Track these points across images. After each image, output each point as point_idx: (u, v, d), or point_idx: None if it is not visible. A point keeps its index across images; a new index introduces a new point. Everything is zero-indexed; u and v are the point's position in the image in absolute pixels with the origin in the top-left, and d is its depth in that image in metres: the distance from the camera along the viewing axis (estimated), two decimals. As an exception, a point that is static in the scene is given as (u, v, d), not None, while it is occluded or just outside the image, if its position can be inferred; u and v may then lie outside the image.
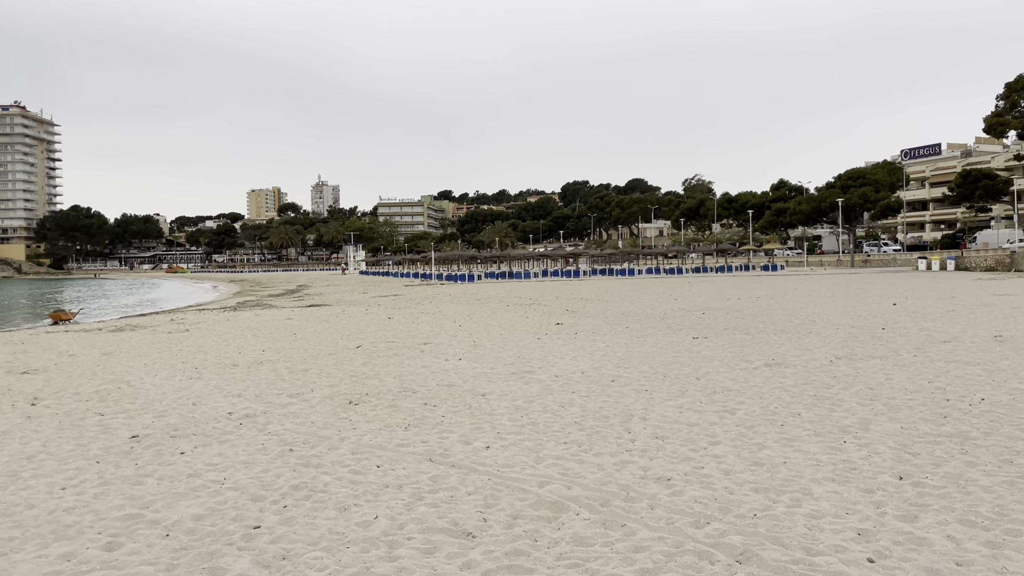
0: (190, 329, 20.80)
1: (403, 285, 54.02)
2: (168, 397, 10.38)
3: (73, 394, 10.84)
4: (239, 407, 9.54)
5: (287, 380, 11.61)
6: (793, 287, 37.36)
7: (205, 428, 8.36)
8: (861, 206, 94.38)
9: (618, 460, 6.51)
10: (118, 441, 7.84)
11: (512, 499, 5.54)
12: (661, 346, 14.66)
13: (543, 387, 10.37)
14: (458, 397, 9.83)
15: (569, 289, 40.69)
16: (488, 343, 15.84)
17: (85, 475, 6.59)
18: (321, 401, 9.85)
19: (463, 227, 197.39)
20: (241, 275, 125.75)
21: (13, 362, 14.45)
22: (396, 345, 15.83)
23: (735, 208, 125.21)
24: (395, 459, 6.82)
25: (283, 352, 15.10)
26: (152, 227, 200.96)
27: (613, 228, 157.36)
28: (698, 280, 50.68)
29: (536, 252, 76.77)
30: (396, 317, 23.41)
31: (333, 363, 13.38)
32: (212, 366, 13.32)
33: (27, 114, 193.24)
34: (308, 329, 20.01)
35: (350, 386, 10.94)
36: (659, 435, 7.39)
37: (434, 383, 10.99)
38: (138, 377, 12.24)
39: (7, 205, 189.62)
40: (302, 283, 70.44)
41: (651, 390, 9.91)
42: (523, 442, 7.28)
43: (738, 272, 65.18)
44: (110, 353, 15.61)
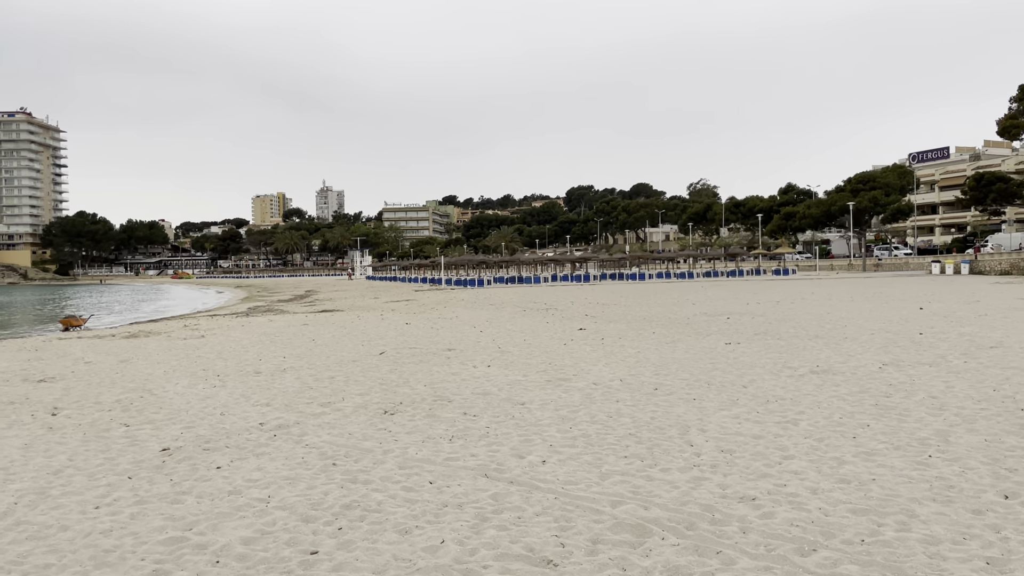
0: (205, 335, 20.40)
1: (413, 290, 53.61)
2: (194, 407, 9.97)
3: (94, 403, 10.43)
4: (270, 417, 9.12)
5: (314, 388, 11.19)
6: (809, 291, 36.86)
7: (238, 440, 7.94)
8: (871, 210, 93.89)
9: (690, 476, 6.06)
10: (148, 454, 7.42)
11: (587, 521, 5.09)
12: (694, 352, 14.21)
13: (584, 396, 9.93)
14: (497, 406, 9.39)
15: (582, 294, 40.24)
16: (514, 349, 15.40)
17: (118, 492, 6.17)
18: (354, 410, 9.42)
19: (468, 232, 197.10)
20: (247, 281, 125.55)
21: (29, 370, 14.05)
22: (420, 351, 15.40)
23: (743, 212, 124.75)
24: (448, 475, 6.38)
25: (305, 359, 14.69)
26: (157, 233, 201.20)
27: (619, 233, 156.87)
28: (711, 284, 50.20)
29: (546, 257, 76.36)
30: (413, 322, 22.99)
31: (359, 370, 12.96)
32: (234, 373, 12.91)
33: (33, 120, 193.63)
34: (326, 335, 19.60)
35: (381, 394, 10.51)
36: (724, 448, 6.94)
37: (468, 391, 10.56)
38: (160, 385, 11.83)
39: (13, 211, 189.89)
40: (310, 288, 70.09)
41: (700, 399, 9.46)
42: (580, 456, 6.84)
43: (749, 277, 64.65)
44: (127, 360, 15.21)
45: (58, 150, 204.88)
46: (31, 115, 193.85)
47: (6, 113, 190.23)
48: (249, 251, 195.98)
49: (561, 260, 70.58)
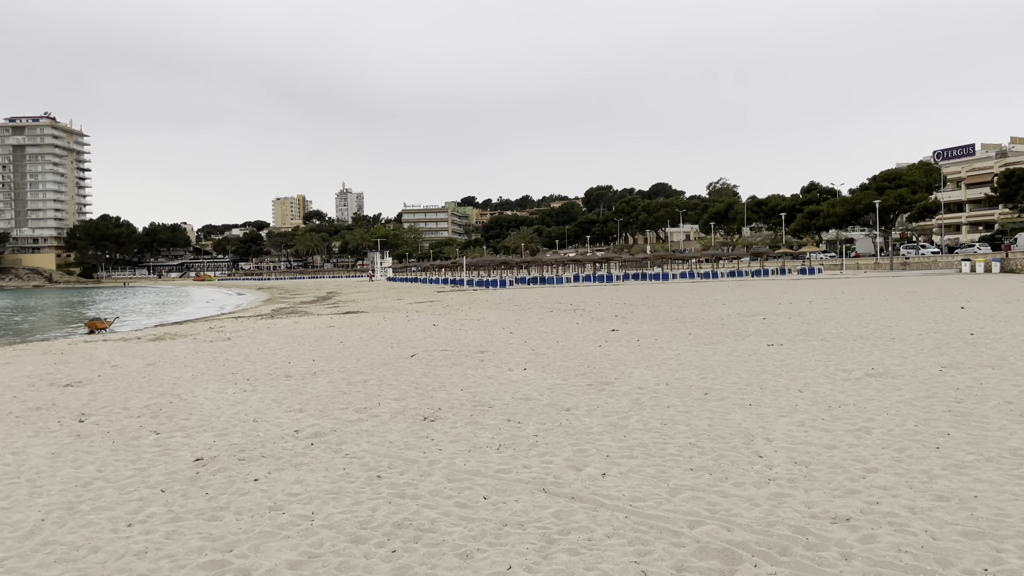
0: (232, 338, 20.10)
1: (435, 291, 53.27)
2: (224, 412, 9.59)
3: (122, 409, 10.09)
4: (305, 424, 8.71)
5: (348, 393, 10.79)
6: (840, 291, 36.06)
7: (274, 449, 7.53)
8: (897, 208, 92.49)
9: (768, 492, 5.56)
10: (181, 465, 7.03)
11: (666, 545, 4.62)
12: (737, 354, 13.66)
13: (631, 401, 9.44)
14: (542, 412, 8.93)
15: (607, 294, 39.68)
16: (548, 351, 14.93)
17: (151, 507, 5.77)
18: (392, 417, 9.00)
19: (488, 233, 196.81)
20: (269, 282, 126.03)
21: (55, 374, 13.78)
22: (451, 354, 14.98)
23: (764, 211, 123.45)
24: (502, 489, 5.93)
25: (334, 362, 14.31)
26: (180, 236, 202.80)
27: (640, 233, 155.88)
28: (737, 284, 49.43)
29: (568, 257, 75.80)
30: (441, 324, 22.58)
31: (391, 373, 12.55)
32: (264, 377, 12.54)
33: (57, 125, 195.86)
34: (354, 337, 19.23)
35: (418, 399, 10.09)
36: (798, 460, 6.43)
37: (508, 396, 10.10)
38: (188, 390, 11.48)
39: (38, 215, 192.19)
40: (331, 290, 70.01)
41: (756, 404, 8.94)
42: (642, 468, 6.36)
43: (775, 276, 63.71)
44: (154, 363, 14.91)
45: (82, 154, 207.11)
46: (55, 120, 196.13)
47: (31, 118, 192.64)
48: (270, 253, 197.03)
49: (583, 260, 69.96)
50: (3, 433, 8.74)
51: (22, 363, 15.83)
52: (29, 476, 6.82)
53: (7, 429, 8.97)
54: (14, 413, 9.99)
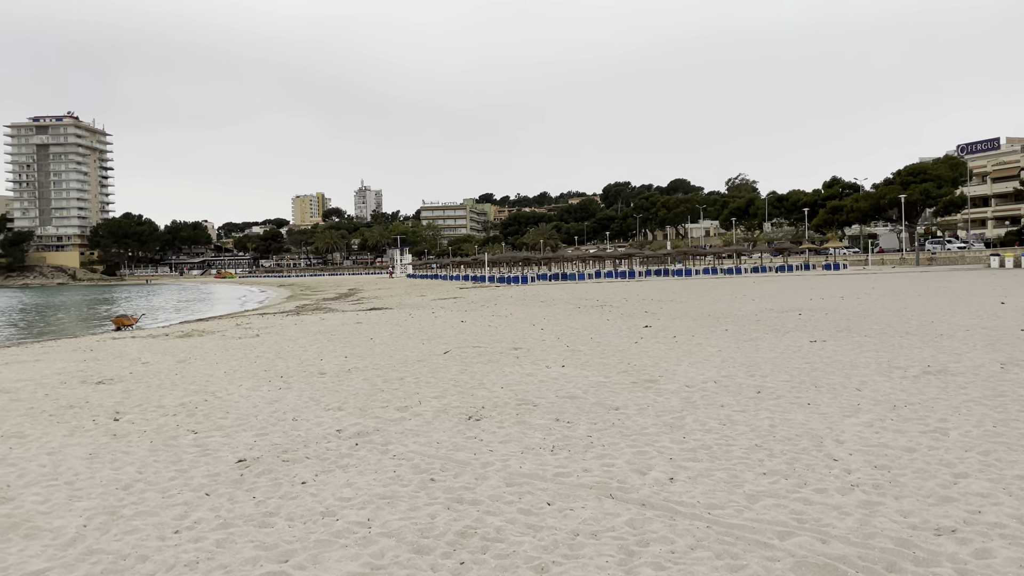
0: (260, 334, 19.91)
1: (457, 288, 53.02)
2: (262, 411, 9.32)
3: (157, 407, 9.86)
4: (346, 423, 8.42)
5: (385, 391, 10.49)
6: (870, 286, 35.39)
7: (318, 450, 7.24)
8: (922, 202, 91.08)
9: (856, 500, 5.18)
10: (223, 466, 6.76)
11: (759, 559, 4.26)
12: (780, 350, 13.24)
13: (682, 400, 9.06)
14: (590, 411, 8.58)
15: (632, 290, 39.23)
16: (584, 348, 14.57)
17: (197, 512, 5.49)
18: (435, 416, 8.69)
19: (506, 230, 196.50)
20: (289, 279, 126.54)
21: (86, 371, 13.61)
22: (485, 350, 14.66)
23: (786, 207, 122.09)
24: (564, 494, 5.59)
25: (367, 359, 14.03)
26: (201, 233, 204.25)
27: (659, 229, 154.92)
28: (763, 280, 48.76)
29: (590, 253, 75.29)
30: (469, 320, 22.28)
31: (427, 371, 12.25)
32: (298, 374, 12.29)
33: (80, 124, 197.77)
34: (383, 333, 18.96)
35: (459, 397, 9.77)
36: (877, 464, 6.03)
37: (552, 394, 9.76)
38: (222, 387, 11.24)
39: (62, 213, 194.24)
40: (352, 287, 70.03)
41: (814, 403, 8.54)
42: (711, 472, 6.00)
43: (799, 272, 62.88)
44: (184, 360, 14.71)
45: (104, 153, 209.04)
46: (78, 119, 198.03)
47: (54, 117, 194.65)
48: (290, 250, 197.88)
49: (606, 256, 69.47)
50: (38, 432, 8.52)
51: (52, 360, 15.71)
52: (67, 478, 6.57)
53: (42, 428, 8.75)
54: (47, 411, 9.79)
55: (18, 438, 8.29)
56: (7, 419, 9.38)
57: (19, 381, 12.57)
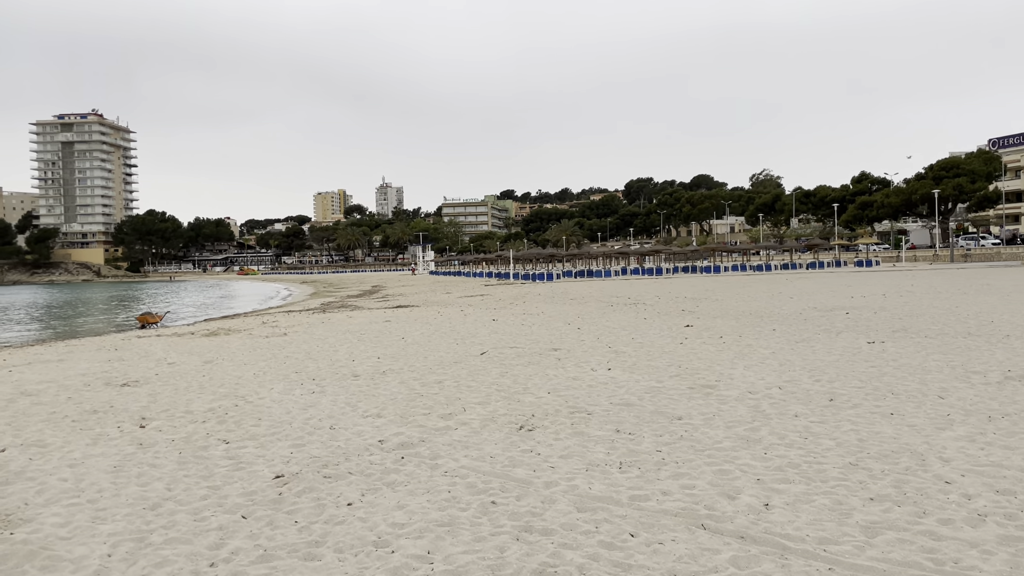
0: (288, 333, 19.40)
1: (483, 285, 52.42)
2: (296, 418, 8.73)
3: (185, 412, 9.31)
4: (388, 433, 7.80)
5: (425, 395, 9.87)
6: (909, 284, 34.30)
7: (360, 463, 6.63)
8: (955, 198, 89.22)
9: (994, 535, 4.46)
10: (260, 483, 6.16)
11: (905, 612, 3.56)
12: (838, 352, 12.46)
13: (750, 409, 8.35)
14: (652, 421, 7.89)
15: (662, 288, 38.39)
16: (627, 349, 13.87)
17: (235, 540, 4.88)
18: (483, 425, 8.04)
19: (528, 226, 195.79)
20: (312, 276, 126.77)
21: (111, 372, 13.13)
22: (523, 351, 14.00)
23: (813, 202, 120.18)
24: (647, 523, 4.92)
25: (401, 360, 13.43)
26: (224, 230, 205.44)
27: (683, 225, 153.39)
28: (795, 277, 47.68)
29: (616, 249, 74.43)
30: (500, 319, 21.64)
31: (466, 373, 11.61)
32: (330, 377, 11.71)
33: (104, 122, 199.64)
34: (414, 332, 18.37)
35: (504, 404, 9.12)
36: (999, 488, 5.30)
37: (604, 400, 9.09)
38: (252, 391, 10.68)
39: (87, 210, 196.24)
40: (375, 284, 69.74)
41: (898, 413, 7.80)
42: (810, 497, 5.29)
43: (831, 269, 61.57)
44: (211, 361, 14.20)
45: (128, 150, 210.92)
46: (102, 116, 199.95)
47: (79, 115, 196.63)
48: (312, 247, 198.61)
49: (633, 253, 68.59)
50: (60, 441, 7.99)
51: (76, 360, 15.28)
52: (91, 495, 6.00)
53: (64, 436, 8.22)
54: (70, 417, 9.28)
55: (39, 447, 7.76)
56: (28, 424, 8.88)
57: (41, 383, 12.11)
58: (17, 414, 9.60)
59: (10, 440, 8.13)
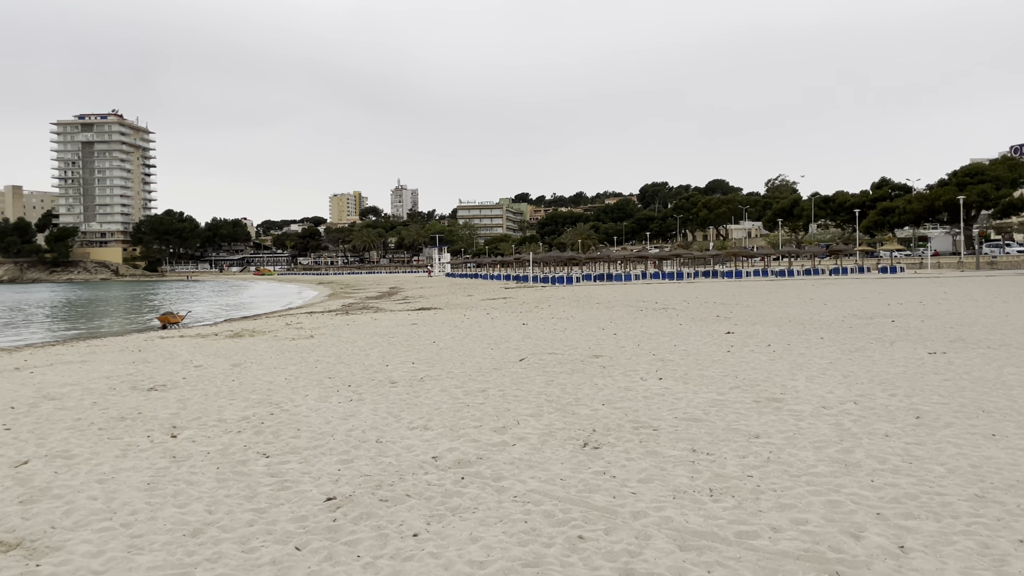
0: (314, 335, 18.84)
1: (502, 287, 51.79)
2: (337, 429, 8.12)
3: (218, 421, 8.72)
4: (440, 448, 7.17)
5: (471, 405, 9.24)
6: (942, 291, 33.38)
7: (417, 484, 6.00)
8: (980, 204, 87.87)
9: None
10: (310, 506, 5.54)
11: None
12: (901, 364, 11.73)
13: (833, 427, 7.65)
14: (727, 439, 7.22)
15: (688, 293, 37.62)
16: (673, 357, 13.19)
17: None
18: (542, 440, 7.40)
19: (543, 229, 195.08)
20: (328, 277, 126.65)
21: (136, 375, 12.58)
22: (563, 358, 13.35)
23: (832, 208, 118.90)
24: (769, 569, 4.25)
25: (437, 365, 12.81)
26: (240, 231, 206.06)
27: (700, 230, 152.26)
28: (821, 283, 46.73)
29: (637, 253, 73.66)
30: (530, 323, 20.99)
31: (509, 381, 10.98)
32: (366, 383, 11.10)
33: (124, 122, 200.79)
34: (445, 336, 17.75)
35: (560, 417, 8.47)
36: None
37: (667, 414, 8.42)
38: (287, 397, 10.09)
39: (106, 210, 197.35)
40: (393, 285, 69.29)
41: (1000, 434, 7.09)
42: (949, 537, 4.61)
43: (855, 275, 60.49)
44: (239, 364, 13.64)
45: (147, 151, 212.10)
46: (122, 117, 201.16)
47: (99, 115, 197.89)
48: (327, 248, 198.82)
49: (654, 257, 67.77)
50: (87, 452, 7.42)
51: (99, 361, 14.76)
52: (124, 518, 5.41)
53: (91, 446, 7.65)
54: (97, 424, 8.71)
55: (64, 459, 7.19)
56: (52, 433, 8.32)
57: (65, 385, 11.58)
58: (41, 420, 9.06)
59: (33, 450, 7.57)
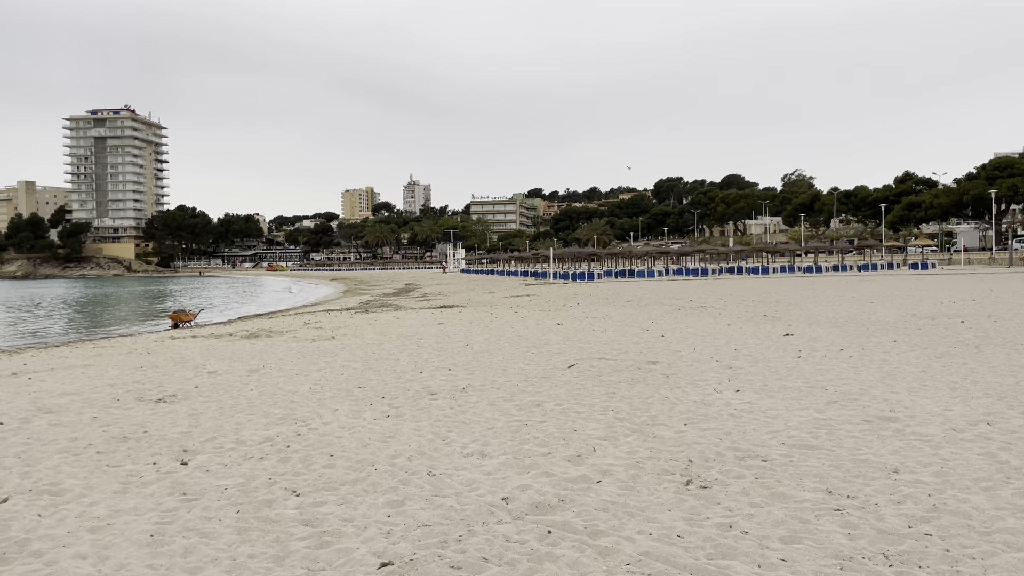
0: (336, 336, 17.55)
1: (522, 284, 50.45)
2: (378, 455, 6.81)
3: (235, 443, 7.43)
4: (509, 486, 5.84)
5: (530, 424, 7.91)
6: (987, 288, 31.78)
7: (492, 541, 4.67)
8: (1010, 198, 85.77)
9: None
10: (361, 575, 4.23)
11: None
12: (1006, 371, 10.34)
13: (986, 458, 6.27)
14: (864, 475, 5.85)
15: (719, 290, 36.16)
16: (740, 363, 11.82)
17: None
18: (631, 475, 6.05)
19: (557, 225, 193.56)
20: (341, 273, 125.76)
21: (143, 382, 11.33)
22: (616, 364, 12.00)
23: (853, 203, 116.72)
24: None
25: (477, 372, 11.48)
26: (253, 226, 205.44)
27: (717, 225, 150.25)
28: (856, 280, 45.11)
29: (661, 249, 72.15)
30: (564, 323, 19.64)
31: (564, 393, 9.64)
32: (401, 394, 9.80)
33: (136, 117, 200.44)
34: (477, 338, 16.43)
35: (640, 441, 7.12)
36: None
37: (769, 438, 7.06)
38: (313, 412, 8.79)
39: (118, 205, 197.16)
40: (408, 282, 68.12)
41: None
42: None
43: (885, 271, 58.75)
44: (257, 370, 12.36)
45: (160, 146, 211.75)
46: (135, 112, 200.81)
47: (111, 111, 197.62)
48: (340, 244, 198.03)
49: (676, 252, 66.28)
50: (80, 485, 6.14)
51: (104, 366, 13.53)
52: (118, 591, 4.11)
53: (85, 476, 6.38)
54: (95, 446, 7.45)
55: (52, 495, 5.92)
56: (42, 457, 7.05)
57: (63, 395, 10.34)
58: (32, 439, 7.81)
59: (17, 481, 6.31)
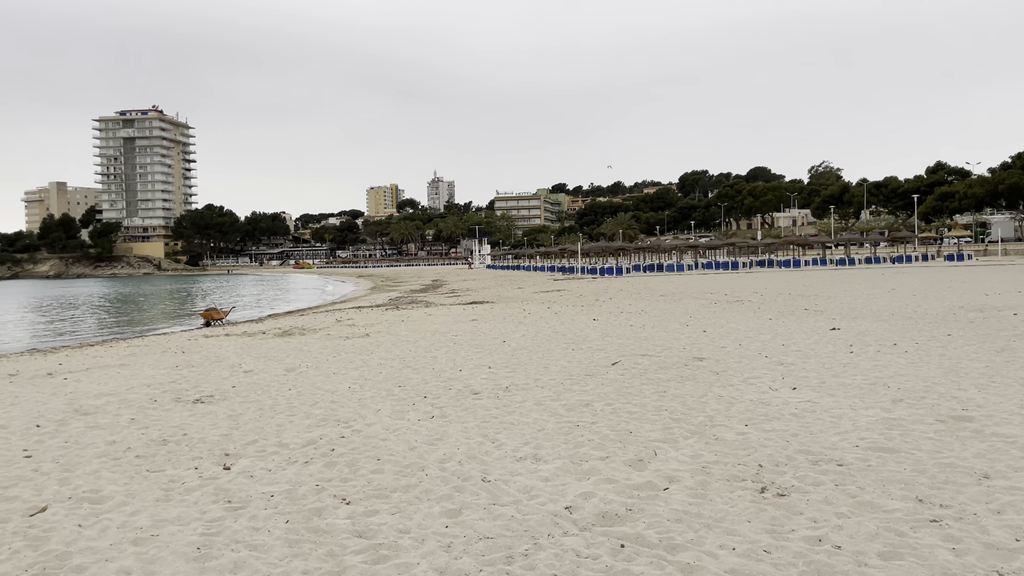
0: (370, 334, 17.31)
1: (551, 279, 50.05)
2: (427, 459, 6.50)
3: (278, 446, 7.17)
4: (570, 493, 5.50)
5: (582, 426, 7.55)
6: (1031, 280, 30.83)
7: (562, 557, 4.34)
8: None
9: None
10: (425, 597, 3.90)
11: None
12: (1079, 369, 9.77)
13: (1077, 460, 5.81)
14: (953, 481, 5.43)
15: (753, 283, 35.51)
16: (790, 359, 11.37)
17: None
18: (699, 482, 5.68)
19: (582, 220, 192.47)
20: (368, 270, 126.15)
21: (180, 382, 11.14)
22: (661, 361, 11.61)
23: (884, 194, 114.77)
24: None
25: (518, 371, 11.14)
26: (280, 225, 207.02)
27: (744, 218, 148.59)
28: (892, 272, 44.15)
29: (690, 243, 71.35)
30: (601, 318, 19.24)
31: (613, 392, 9.27)
32: (443, 393, 9.49)
33: (164, 118, 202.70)
34: (513, 334, 16.09)
35: (701, 444, 6.74)
36: None
37: (840, 440, 6.64)
38: (355, 413, 8.51)
39: (147, 205, 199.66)
40: (434, 278, 68.00)
41: None
42: None
43: (921, 263, 57.51)
44: (294, 369, 12.13)
45: (187, 146, 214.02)
46: (163, 113, 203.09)
47: (140, 111, 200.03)
48: (365, 241, 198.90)
49: (706, 246, 65.49)
50: (121, 491, 5.90)
51: (140, 365, 13.40)
52: (167, 612, 3.83)
53: (126, 482, 6.14)
54: (134, 450, 7.22)
55: (93, 503, 5.68)
56: (81, 462, 6.84)
57: (100, 396, 10.17)
58: (69, 443, 7.61)
59: (55, 488, 6.09)
